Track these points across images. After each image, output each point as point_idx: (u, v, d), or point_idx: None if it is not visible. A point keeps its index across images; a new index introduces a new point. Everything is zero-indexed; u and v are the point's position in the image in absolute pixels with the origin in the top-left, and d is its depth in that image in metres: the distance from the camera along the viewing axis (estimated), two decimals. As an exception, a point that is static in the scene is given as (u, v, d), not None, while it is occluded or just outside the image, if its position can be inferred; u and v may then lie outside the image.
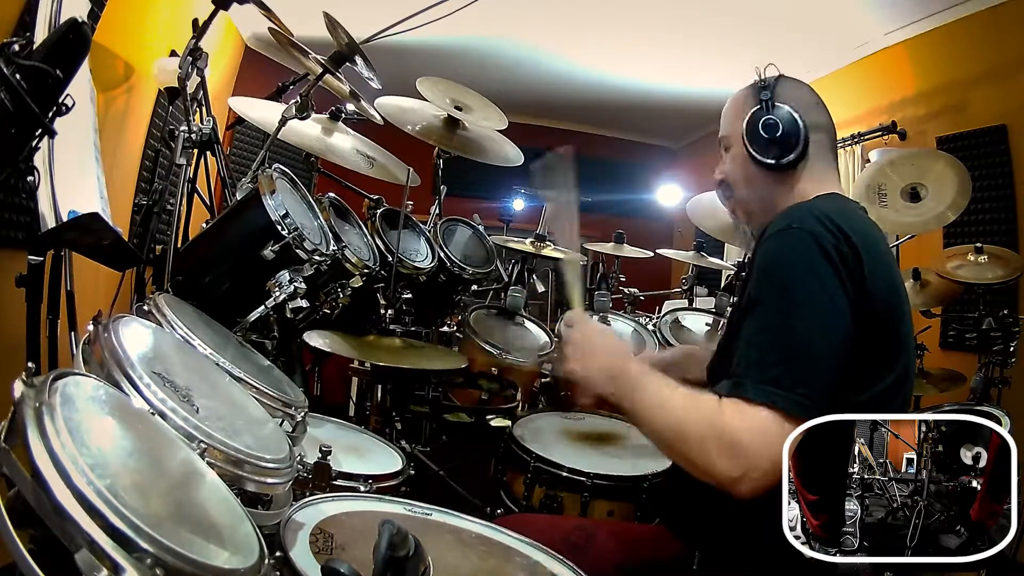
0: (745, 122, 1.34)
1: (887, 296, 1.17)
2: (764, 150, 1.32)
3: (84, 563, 0.63)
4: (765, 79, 1.36)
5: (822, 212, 1.18)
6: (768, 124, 1.31)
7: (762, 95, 1.33)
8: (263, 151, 2.03)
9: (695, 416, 1.12)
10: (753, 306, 1.16)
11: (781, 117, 1.31)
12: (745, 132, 1.34)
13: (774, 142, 1.31)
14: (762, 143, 1.32)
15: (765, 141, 1.32)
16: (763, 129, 1.31)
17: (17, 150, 1.41)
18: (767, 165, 1.33)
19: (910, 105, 4.14)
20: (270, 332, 1.71)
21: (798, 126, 1.31)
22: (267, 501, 1.04)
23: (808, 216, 1.17)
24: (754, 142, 1.33)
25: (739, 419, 1.07)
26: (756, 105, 1.34)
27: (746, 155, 1.35)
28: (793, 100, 1.33)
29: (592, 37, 4.92)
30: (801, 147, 1.31)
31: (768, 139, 1.31)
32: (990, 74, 3.63)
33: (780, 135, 1.31)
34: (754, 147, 1.33)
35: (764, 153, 1.33)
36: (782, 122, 1.30)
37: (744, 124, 1.34)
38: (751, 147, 1.33)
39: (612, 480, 1.91)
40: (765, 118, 1.31)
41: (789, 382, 1.06)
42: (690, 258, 3.54)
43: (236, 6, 2.24)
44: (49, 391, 0.75)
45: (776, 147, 1.32)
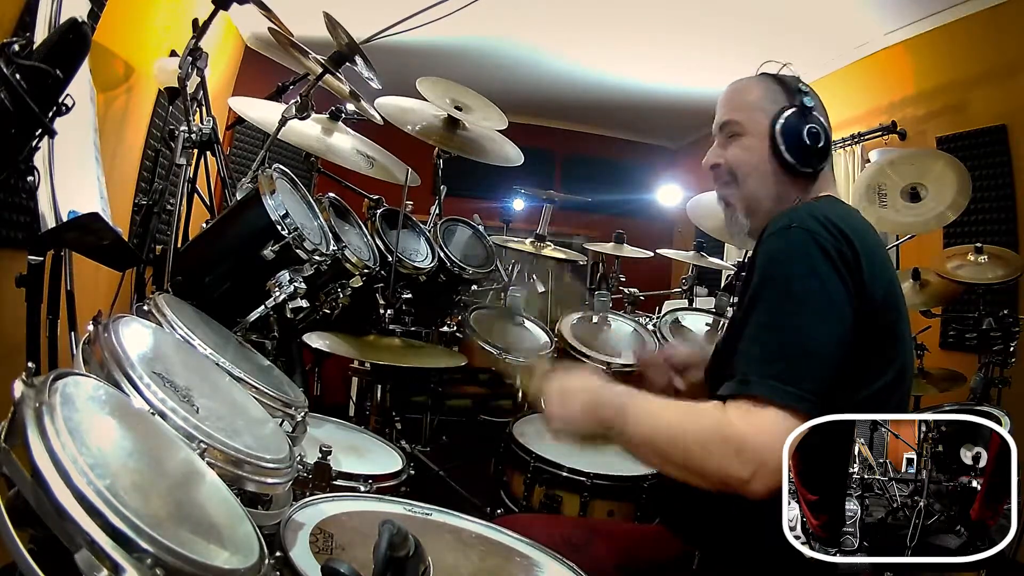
0: (781, 121, 1.31)
1: (885, 295, 1.18)
2: (799, 154, 1.31)
3: (84, 563, 0.63)
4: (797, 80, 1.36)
5: (822, 213, 1.19)
6: (812, 132, 1.30)
7: (805, 100, 1.32)
8: (263, 151, 2.03)
9: (695, 424, 1.11)
10: (754, 304, 1.17)
11: (819, 126, 1.31)
12: (781, 131, 1.31)
13: (811, 149, 1.31)
14: (798, 147, 1.31)
15: (803, 147, 1.30)
16: (807, 136, 1.30)
17: (17, 150, 1.41)
18: (791, 167, 1.31)
19: (910, 105, 4.13)
20: (270, 332, 1.71)
21: (828, 135, 1.32)
22: (267, 501, 1.04)
23: (808, 217, 1.18)
24: (790, 144, 1.31)
25: (743, 418, 1.07)
26: (788, 105, 1.32)
27: (768, 150, 1.32)
28: (819, 105, 1.34)
29: (592, 37, 4.92)
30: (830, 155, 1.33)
31: (808, 146, 1.30)
32: (990, 74, 3.63)
33: (821, 145, 1.31)
34: (788, 148, 1.31)
35: (798, 157, 1.31)
36: (822, 131, 1.31)
37: (778, 122, 1.31)
38: (784, 147, 1.31)
39: (612, 480, 1.91)
40: (809, 126, 1.30)
41: (792, 377, 1.07)
42: (690, 258, 3.55)
43: (236, 6, 2.24)
44: (49, 391, 0.75)
45: (811, 154, 1.31)
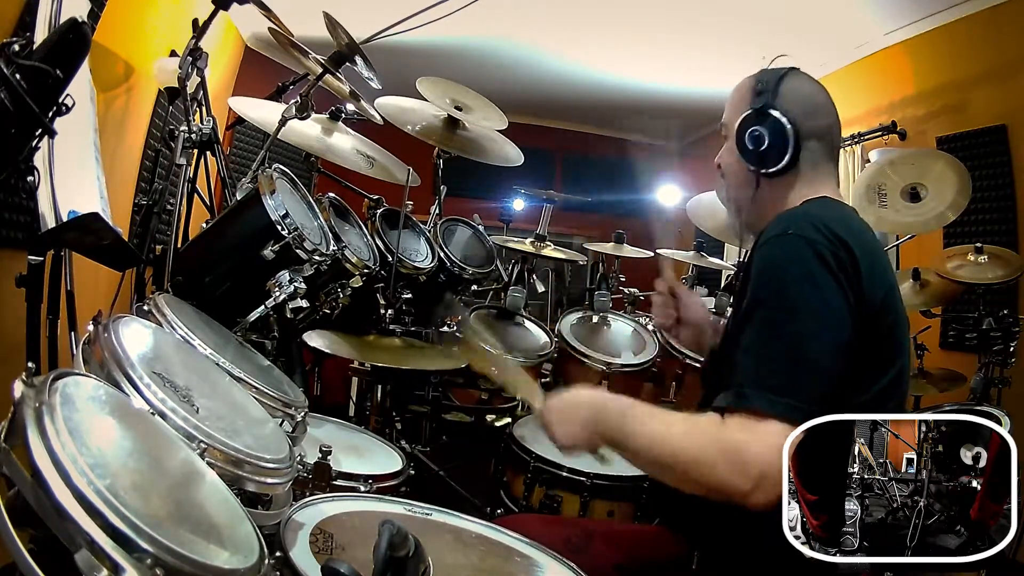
0: (739, 124, 1.32)
1: (884, 299, 1.17)
2: (752, 157, 1.31)
3: (84, 563, 0.63)
4: (765, 78, 1.32)
5: (817, 218, 1.17)
6: (754, 136, 1.29)
7: (755, 101, 1.30)
8: (263, 151, 2.03)
9: (695, 438, 1.11)
10: (750, 313, 1.16)
11: (770, 127, 1.27)
12: (735, 136, 1.33)
13: (760, 152, 1.29)
14: (749, 150, 1.31)
15: (751, 150, 1.30)
16: (749, 140, 1.29)
17: (17, 150, 1.41)
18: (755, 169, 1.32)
19: (910, 105, 4.13)
20: (270, 332, 1.71)
21: (787, 137, 1.27)
22: (267, 501, 1.04)
23: (804, 222, 1.16)
24: (742, 147, 1.32)
25: (743, 431, 1.06)
26: (748, 108, 1.31)
27: (736, 153, 1.34)
28: (792, 104, 1.29)
29: (592, 37, 4.92)
30: (789, 157, 1.28)
31: (753, 149, 1.29)
32: (990, 74, 3.63)
33: (765, 147, 1.28)
34: (742, 152, 1.32)
35: (751, 160, 1.31)
36: (769, 133, 1.27)
37: (737, 126, 1.32)
38: (739, 151, 1.32)
39: (612, 480, 1.91)
40: (751, 129, 1.29)
41: (789, 389, 1.06)
42: (690, 258, 3.54)
43: (236, 6, 2.24)
44: (49, 391, 0.75)
45: (762, 156, 1.30)
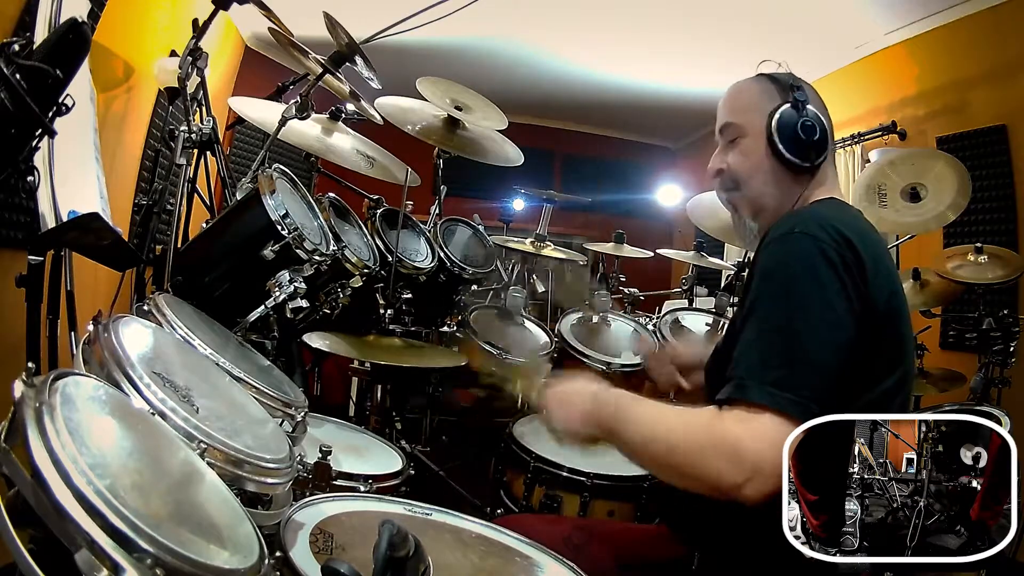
0: (776, 118, 1.31)
1: (888, 299, 1.17)
2: (796, 149, 1.31)
3: (84, 563, 0.63)
4: (791, 77, 1.35)
5: (824, 217, 1.18)
6: (806, 126, 1.30)
7: (797, 95, 1.32)
8: (263, 151, 2.03)
9: (690, 429, 1.11)
10: (754, 310, 1.16)
11: (814, 119, 1.31)
12: (776, 128, 1.31)
13: (807, 143, 1.30)
14: (795, 142, 1.30)
15: (799, 141, 1.30)
16: (801, 130, 1.30)
17: (17, 150, 1.41)
18: (791, 163, 1.31)
19: (910, 105, 4.13)
20: (270, 332, 1.71)
21: (827, 129, 1.32)
22: (267, 501, 1.04)
23: (810, 221, 1.17)
24: (786, 140, 1.31)
25: (739, 424, 1.06)
26: (782, 102, 1.32)
27: (766, 150, 1.32)
28: (814, 102, 1.34)
29: (592, 37, 4.92)
30: (829, 150, 1.33)
31: (804, 140, 1.30)
32: (990, 74, 3.63)
33: (816, 138, 1.30)
34: (785, 145, 1.31)
35: (795, 152, 1.31)
36: (811, 127, 1.30)
37: (773, 120, 1.31)
38: (781, 144, 1.31)
39: (612, 480, 1.91)
40: (803, 120, 1.30)
41: (790, 384, 1.06)
42: (690, 258, 3.55)
43: (236, 6, 2.24)
44: (49, 391, 0.75)
45: (808, 148, 1.31)
